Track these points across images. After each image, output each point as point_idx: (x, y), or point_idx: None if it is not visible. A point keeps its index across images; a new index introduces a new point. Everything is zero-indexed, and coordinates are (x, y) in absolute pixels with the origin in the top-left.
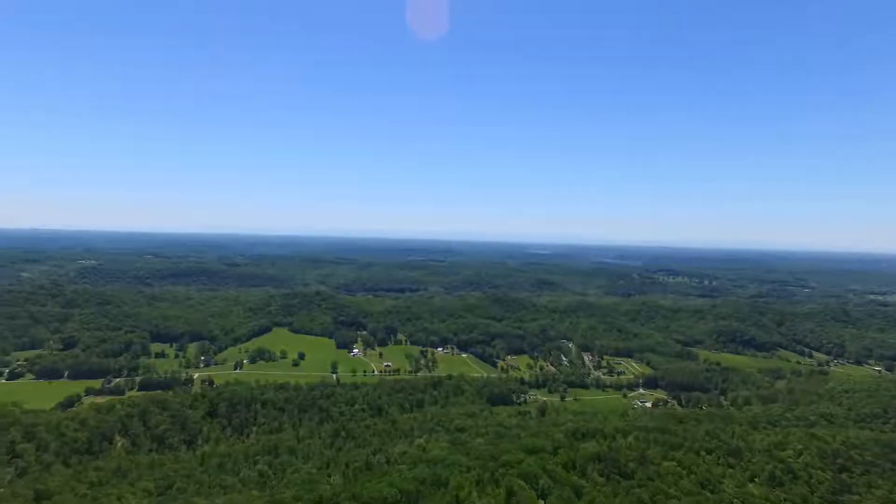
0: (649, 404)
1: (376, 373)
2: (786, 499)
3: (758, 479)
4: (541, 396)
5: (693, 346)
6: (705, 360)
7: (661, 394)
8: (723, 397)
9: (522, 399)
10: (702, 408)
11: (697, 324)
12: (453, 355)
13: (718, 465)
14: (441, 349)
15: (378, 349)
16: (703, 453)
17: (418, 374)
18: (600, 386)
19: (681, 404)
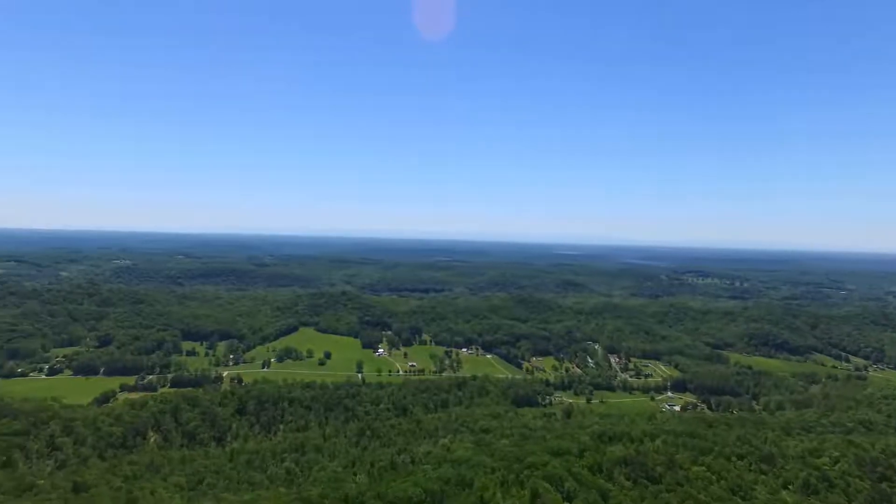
0: (678, 408)
1: (401, 373)
2: None
3: (791, 487)
4: (566, 398)
5: (723, 349)
6: (736, 364)
7: (690, 397)
8: (754, 402)
9: (548, 401)
10: (732, 412)
11: (728, 326)
12: (478, 356)
13: (750, 471)
14: (466, 350)
15: (403, 349)
16: (734, 459)
17: (443, 374)
18: (627, 388)
19: (710, 408)
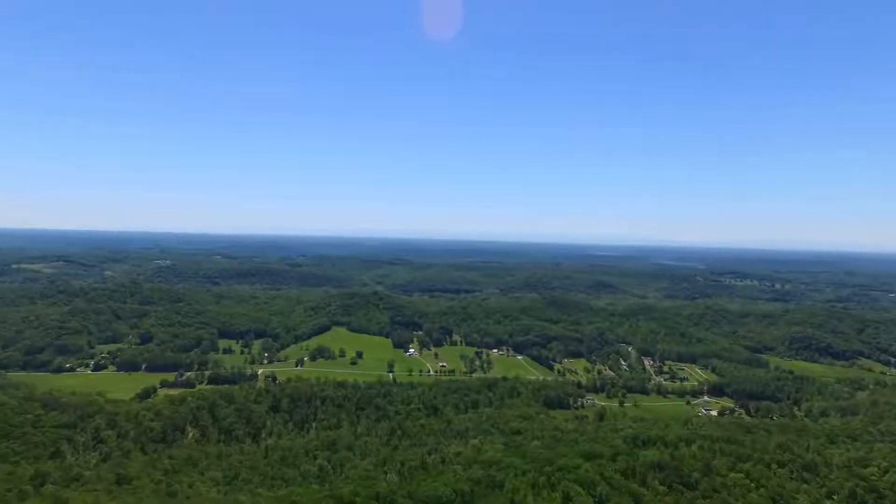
0: (714, 413)
1: (432, 373)
2: None
3: (836, 497)
4: (599, 401)
5: (763, 353)
6: (776, 368)
7: (727, 402)
8: (796, 408)
9: (579, 403)
10: (772, 418)
11: (768, 329)
12: (508, 357)
13: (792, 479)
14: (496, 351)
15: (433, 349)
16: (774, 466)
17: (473, 375)
18: (661, 392)
19: (749, 414)
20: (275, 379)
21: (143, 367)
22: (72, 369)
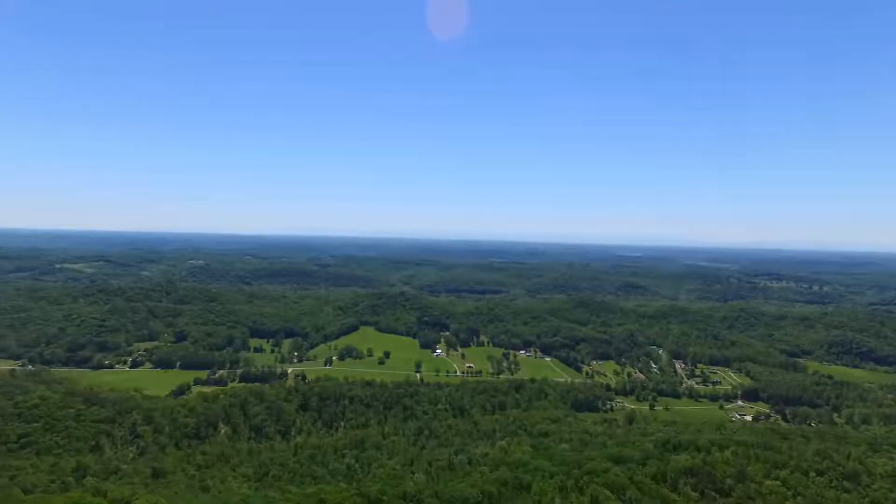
0: (749, 418)
1: (459, 373)
2: None
3: None
4: (628, 404)
5: (800, 357)
6: (814, 373)
7: (762, 407)
8: (836, 414)
9: (609, 406)
10: (810, 424)
11: (805, 332)
12: (536, 358)
13: (831, 488)
14: (524, 352)
15: (460, 350)
16: (812, 474)
17: (500, 376)
18: (693, 396)
19: (785, 419)
20: (304, 378)
21: (178, 364)
22: (111, 366)
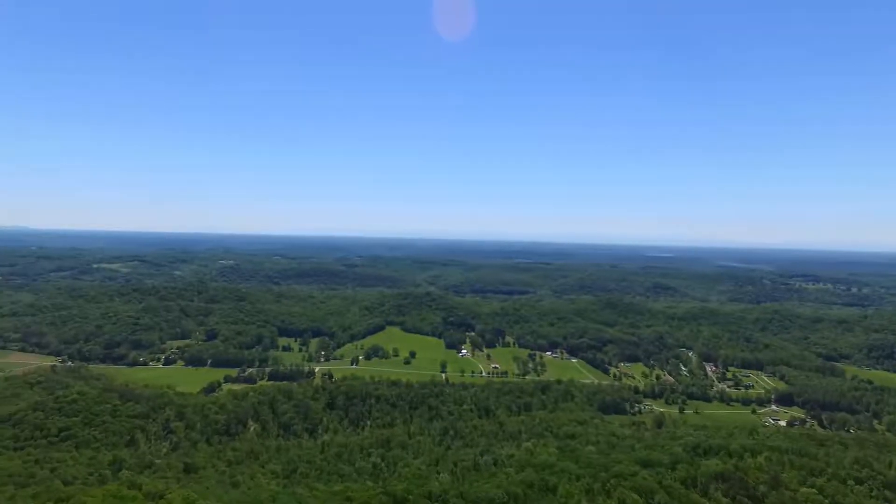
0: (783, 423)
1: (484, 374)
2: None
3: None
4: (657, 407)
5: (838, 361)
6: (853, 377)
7: (797, 412)
8: (876, 420)
9: (637, 409)
10: (849, 431)
11: (843, 336)
12: (562, 360)
13: (871, 497)
14: (550, 353)
15: (486, 351)
16: (850, 483)
17: (526, 377)
18: (725, 399)
19: (822, 425)
20: (331, 377)
21: (209, 362)
22: (145, 363)
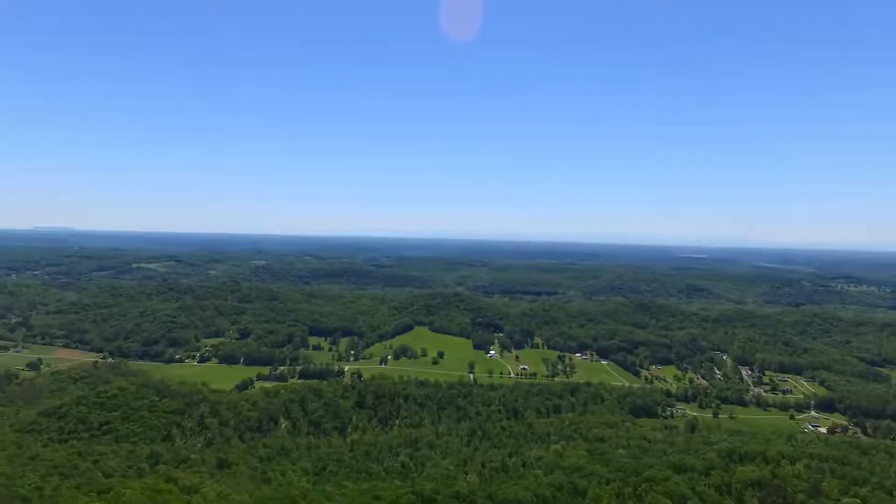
0: (823, 430)
1: (512, 375)
2: None
3: None
4: (690, 411)
5: (882, 367)
6: None
7: (839, 419)
8: None
9: (669, 413)
10: (894, 439)
11: (888, 340)
12: (592, 362)
13: None
14: (579, 355)
15: (514, 352)
16: None
17: (555, 378)
18: (761, 404)
19: (865, 433)
20: (360, 376)
21: (242, 360)
22: (181, 360)
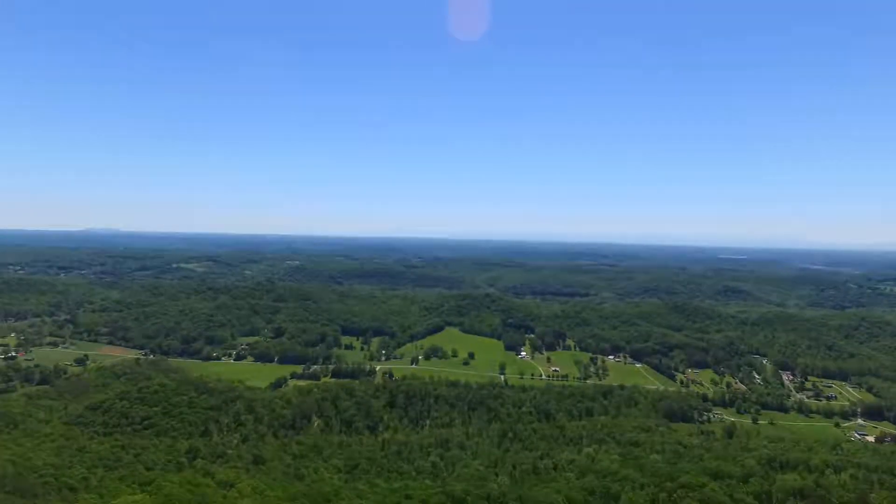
0: (871, 438)
1: (544, 377)
2: None
3: None
4: (727, 416)
5: None
6: None
7: (888, 427)
8: None
9: (705, 418)
10: None
11: None
12: (625, 364)
13: None
14: (612, 357)
15: (546, 353)
16: None
17: (587, 381)
18: (803, 411)
19: None
20: (391, 375)
21: (276, 359)
22: (218, 358)
